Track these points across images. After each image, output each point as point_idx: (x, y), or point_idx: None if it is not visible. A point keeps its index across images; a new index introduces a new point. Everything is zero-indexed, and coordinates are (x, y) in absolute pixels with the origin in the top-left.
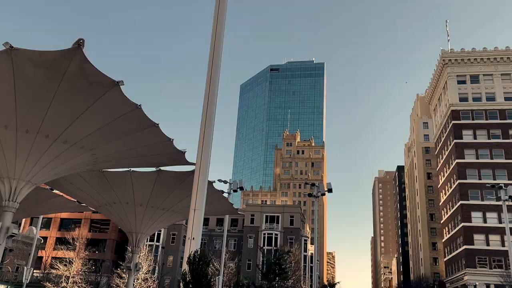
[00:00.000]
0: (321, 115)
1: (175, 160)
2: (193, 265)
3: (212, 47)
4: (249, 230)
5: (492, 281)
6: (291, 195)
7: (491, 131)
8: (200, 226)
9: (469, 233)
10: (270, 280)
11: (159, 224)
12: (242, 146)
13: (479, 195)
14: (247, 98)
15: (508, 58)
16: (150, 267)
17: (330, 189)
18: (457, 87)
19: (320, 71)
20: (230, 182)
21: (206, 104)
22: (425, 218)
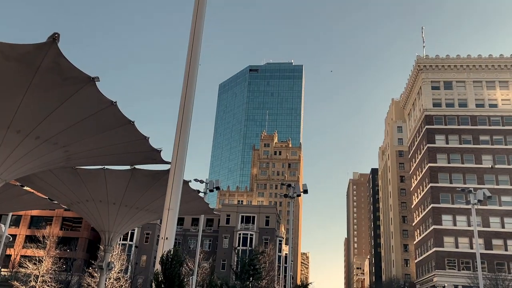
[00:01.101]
0: (298, 117)
1: (151, 158)
2: (165, 265)
3: (190, 45)
4: (225, 230)
5: (460, 283)
6: (267, 195)
7: (462, 136)
8: (174, 226)
9: (440, 235)
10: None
11: (132, 223)
12: (220, 145)
13: (449, 198)
14: (225, 98)
15: (480, 66)
16: (123, 267)
17: (305, 190)
18: (431, 92)
19: (299, 73)
20: (207, 181)
21: (183, 102)
22: (397, 220)
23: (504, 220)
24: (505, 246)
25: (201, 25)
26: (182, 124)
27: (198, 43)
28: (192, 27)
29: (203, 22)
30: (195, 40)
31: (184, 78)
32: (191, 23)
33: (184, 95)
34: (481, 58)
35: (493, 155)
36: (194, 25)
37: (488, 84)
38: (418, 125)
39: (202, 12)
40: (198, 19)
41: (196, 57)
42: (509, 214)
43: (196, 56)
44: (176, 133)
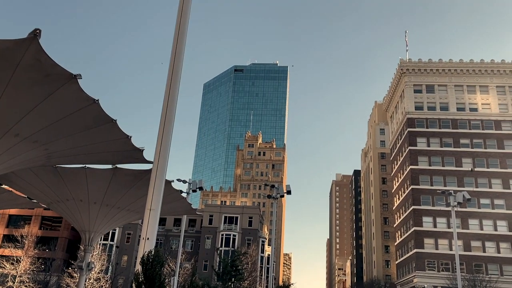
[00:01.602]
0: (283, 118)
1: (133, 158)
2: (146, 266)
3: (174, 44)
4: (207, 231)
5: (440, 284)
6: (251, 196)
7: (443, 139)
8: (156, 226)
9: (420, 237)
10: (225, 281)
11: (114, 223)
12: (204, 145)
13: (430, 200)
14: (210, 98)
15: (461, 71)
16: (103, 267)
17: (289, 191)
18: (413, 95)
19: (284, 75)
20: (190, 182)
21: (166, 101)
22: (379, 222)
23: (483, 222)
24: (483, 248)
25: (186, 23)
26: (165, 123)
27: (182, 41)
28: (176, 26)
29: (188, 21)
30: (179, 38)
31: (167, 77)
32: (176, 22)
33: (167, 94)
34: (462, 62)
35: (473, 158)
36: (178, 23)
37: (469, 89)
38: (400, 128)
39: (187, 11)
40: (183, 18)
41: (180, 56)
42: (487, 216)
43: (180, 55)
44: (159, 133)
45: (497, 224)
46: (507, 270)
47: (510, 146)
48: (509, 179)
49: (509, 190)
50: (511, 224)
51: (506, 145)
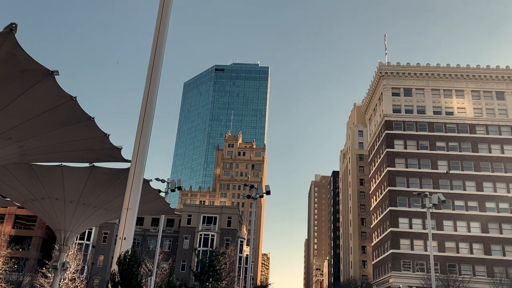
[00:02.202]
0: (263, 118)
1: (111, 156)
2: (123, 266)
3: (154, 42)
4: (185, 231)
5: (414, 284)
6: (230, 196)
7: (420, 142)
8: (133, 226)
9: (396, 237)
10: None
11: (90, 222)
12: (183, 145)
13: (406, 202)
14: (190, 97)
15: (438, 75)
16: (79, 267)
17: (268, 191)
18: (391, 98)
19: (265, 75)
20: (168, 181)
21: (146, 100)
22: (356, 222)
23: (457, 224)
24: (457, 249)
25: (166, 22)
26: (143, 121)
27: (162, 40)
28: (157, 24)
29: (168, 19)
30: (159, 37)
31: (147, 75)
32: (156, 20)
33: (146, 93)
34: (439, 67)
35: (448, 161)
36: (159, 22)
37: (445, 93)
38: (378, 130)
39: (168, 9)
40: (163, 16)
41: (160, 54)
42: (461, 218)
43: (161, 53)
44: (137, 131)
45: (471, 225)
46: (479, 271)
47: (484, 149)
48: (483, 182)
49: (482, 193)
50: (484, 226)
51: (480, 148)
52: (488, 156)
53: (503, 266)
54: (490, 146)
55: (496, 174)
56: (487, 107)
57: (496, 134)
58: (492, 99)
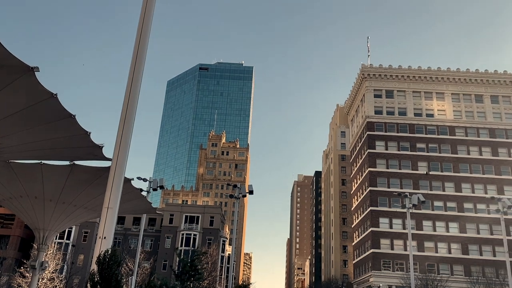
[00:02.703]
0: (247, 118)
1: (92, 154)
2: (102, 265)
3: (137, 40)
4: (167, 230)
5: (394, 283)
6: (213, 195)
7: (401, 143)
8: (113, 225)
9: (377, 237)
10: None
11: (70, 221)
12: (166, 143)
13: (387, 202)
14: (174, 95)
15: (419, 77)
16: (58, 266)
17: (251, 191)
18: (373, 100)
19: (249, 75)
20: (150, 180)
21: (127, 98)
22: (337, 222)
23: (436, 224)
24: (435, 249)
25: (150, 19)
26: (125, 120)
27: (145, 38)
28: (140, 22)
29: (152, 17)
30: (142, 34)
31: (129, 73)
32: (139, 18)
33: (128, 91)
34: (420, 69)
35: (428, 162)
36: (142, 19)
37: (426, 95)
38: (360, 131)
39: (151, 7)
40: (147, 14)
41: (143, 52)
42: (440, 218)
43: (143, 51)
44: (119, 129)
45: (449, 226)
46: (457, 270)
47: (463, 151)
48: (461, 183)
49: (461, 193)
50: (461, 226)
51: (459, 150)
52: (466, 157)
53: (480, 266)
54: (469, 148)
55: (474, 176)
56: (466, 109)
57: (474, 136)
58: (471, 102)
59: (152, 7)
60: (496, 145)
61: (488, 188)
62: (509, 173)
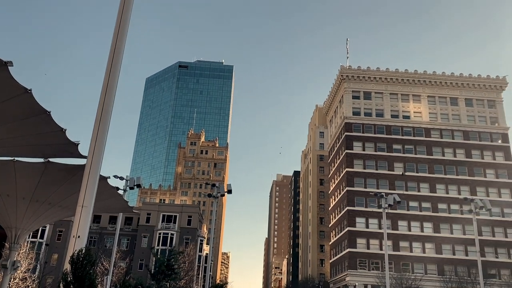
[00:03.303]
0: (226, 117)
1: (67, 152)
2: (76, 265)
3: (115, 36)
4: (144, 229)
5: (370, 282)
6: (191, 194)
7: (377, 144)
8: (87, 224)
9: (353, 237)
10: (159, 280)
11: (44, 220)
12: (144, 142)
13: (363, 202)
14: (152, 93)
15: (397, 80)
16: (31, 266)
17: (229, 190)
18: (351, 101)
19: (229, 74)
20: (127, 178)
21: (104, 94)
22: (315, 222)
23: (411, 224)
24: (410, 248)
25: (128, 15)
26: (101, 117)
27: (123, 33)
28: (118, 18)
29: (130, 13)
30: (120, 30)
31: (106, 69)
32: (117, 14)
33: (105, 87)
34: (397, 72)
35: (404, 163)
36: (120, 15)
37: (403, 97)
38: (338, 132)
39: (129, 3)
40: (125, 10)
41: (121, 48)
42: (415, 218)
43: (121, 47)
44: (95, 126)
45: (424, 225)
46: (431, 269)
47: (438, 152)
48: (436, 184)
49: (435, 194)
50: (436, 226)
51: (434, 151)
52: (441, 159)
53: (453, 265)
54: (444, 150)
55: (448, 177)
56: (442, 112)
57: (449, 138)
58: (446, 104)
59: (131, 3)
60: (469, 147)
61: (462, 189)
62: (481, 174)
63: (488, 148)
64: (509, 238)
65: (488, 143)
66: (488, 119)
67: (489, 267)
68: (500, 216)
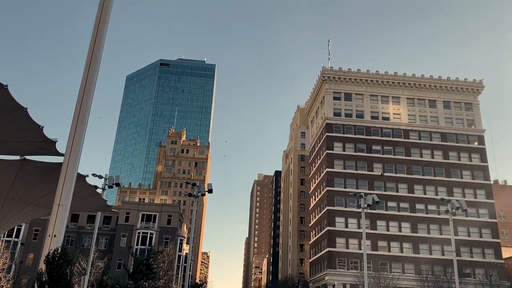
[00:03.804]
0: (208, 116)
1: (44, 149)
2: (51, 264)
3: (94, 32)
4: (123, 229)
5: (348, 281)
6: (171, 194)
7: (357, 145)
8: (64, 223)
9: (333, 236)
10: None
11: (20, 219)
12: (124, 140)
13: (343, 202)
14: (133, 90)
15: (377, 81)
16: (6, 266)
17: (210, 190)
18: (332, 102)
19: (211, 72)
20: (106, 177)
21: (82, 91)
22: (295, 221)
23: (389, 224)
24: (388, 248)
25: (108, 11)
26: (79, 114)
27: (103, 30)
28: (98, 14)
29: (110, 9)
30: (100, 26)
31: (85, 66)
32: (97, 9)
33: (84, 84)
34: (378, 74)
35: (383, 163)
36: (100, 10)
37: (383, 99)
38: (319, 132)
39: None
40: (106, 4)
41: (100, 45)
42: (393, 218)
43: (100, 44)
44: (72, 124)
45: (402, 225)
46: (408, 268)
47: (416, 154)
48: (414, 184)
49: (413, 195)
50: (413, 226)
51: (413, 153)
52: (419, 160)
53: (430, 264)
54: (422, 151)
55: (426, 178)
56: (420, 114)
57: (427, 140)
58: (425, 106)
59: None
60: (447, 149)
61: (439, 189)
62: (458, 175)
63: (465, 150)
64: (484, 238)
65: (465, 145)
66: (465, 121)
67: (464, 266)
68: (475, 217)
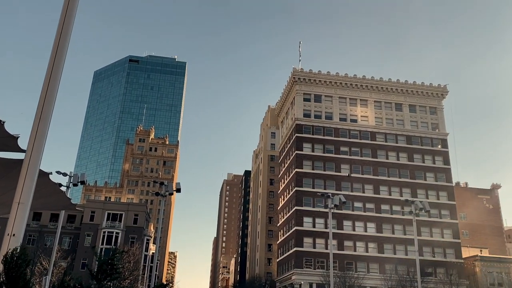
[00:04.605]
0: (178, 114)
1: (6, 145)
2: (10, 265)
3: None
4: (88, 228)
5: (315, 281)
6: (138, 192)
7: (326, 146)
8: (24, 222)
9: (300, 236)
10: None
11: None
12: (90, 137)
13: (311, 202)
14: (100, 87)
15: (346, 84)
16: None
17: (178, 189)
18: (302, 103)
19: (181, 70)
20: (71, 175)
21: (46, 85)
22: (264, 221)
23: (355, 224)
24: (354, 247)
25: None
26: (42, 109)
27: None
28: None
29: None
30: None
31: (49, 60)
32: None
33: (48, 79)
34: (347, 77)
35: (350, 164)
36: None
37: (351, 101)
38: (289, 133)
39: None
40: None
41: (66, 38)
42: (359, 218)
43: (66, 37)
44: (35, 120)
45: (367, 225)
46: (373, 268)
47: (382, 155)
48: (380, 185)
49: (379, 196)
50: (378, 226)
51: (379, 154)
52: (385, 162)
53: (393, 264)
54: (388, 153)
55: (391, 179)
56: (387, 117)
57: (393, 142)
58: (391, 109)
59: None
60: (412, 151)
61: (403, 191)
62: (422, 177)
63: (429, 152)
64: (446, 238)
65: (429, 147)
66: (429, 125)
67: (426, 266)
68: (438, 218)
